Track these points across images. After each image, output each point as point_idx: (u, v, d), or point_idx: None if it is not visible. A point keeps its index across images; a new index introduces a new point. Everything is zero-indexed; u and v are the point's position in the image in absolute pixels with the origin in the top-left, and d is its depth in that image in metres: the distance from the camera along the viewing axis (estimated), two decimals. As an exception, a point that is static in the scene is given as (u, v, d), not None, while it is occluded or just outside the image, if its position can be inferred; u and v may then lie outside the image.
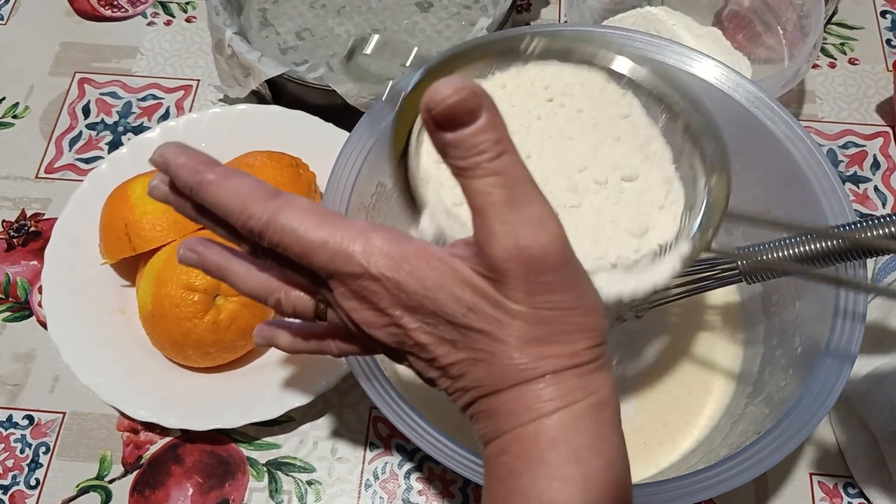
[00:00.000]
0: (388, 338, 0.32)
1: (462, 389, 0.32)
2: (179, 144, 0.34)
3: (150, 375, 0.55)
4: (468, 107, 0.27)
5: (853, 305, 0.45)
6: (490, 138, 0.28)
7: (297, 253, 0.31)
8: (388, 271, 0.30)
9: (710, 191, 0.40)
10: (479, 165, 0.28)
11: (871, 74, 0.72)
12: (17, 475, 0.55)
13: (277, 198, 0.32)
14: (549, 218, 0.29)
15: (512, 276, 0.29)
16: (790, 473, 0.55)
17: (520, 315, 0.29)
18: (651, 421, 0.53)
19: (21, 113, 0.70)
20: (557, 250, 0.29)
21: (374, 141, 0.50)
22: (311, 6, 0.72)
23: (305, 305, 0.35)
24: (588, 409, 0.30)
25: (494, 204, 0.28)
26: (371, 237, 0.31)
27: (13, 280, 0.62)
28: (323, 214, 0.31)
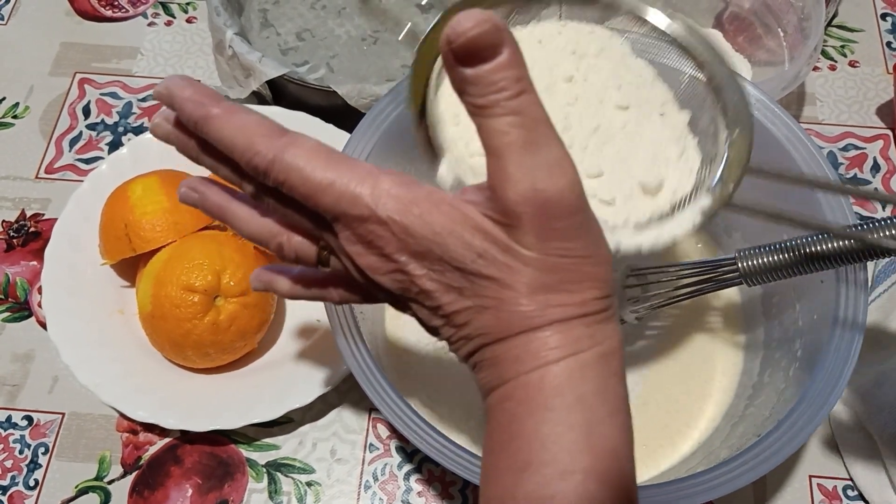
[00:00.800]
0: (392, 284, 0.31)
1: (466, 338, 0.31)
2: (186, 77, 0.33)
3: (150, 376, 0.55)
4: (490, 41, 0.26)
5: (853, 308, 0.46)
6: (510, 76, 0.27)
7: (302, 193, 0.30)
8: (397, 215, 0.29)
9: (731, 144, 0.40)
10: (498, 104, 0.27)
11: (871, 77, 0.72)
12: (16, 476, 0.55)
13: (284, 135, 0.31)
14: (566, 162, 0.28)
15: (525, 220, 0.28)
16: (790, 475, 0.55)
17: (530, 261, 0.29)
18: (651, 422, 0.53)
19: (21, 113, 0.70)
20: (573, 196, 0.28)
21: (374, 142, 0.50)
22: (311, 7, 0.72)
23: (308, 250, 0.34)
24: (594, 359, 0.29)
25: (511, 145, 0.28)
26: (380, 179, 0.30)
27: (13, 280, 0.62)
28: (331, 155, 0.31)
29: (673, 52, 0.42)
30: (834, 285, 0.46)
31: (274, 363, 0.57)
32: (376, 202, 0.30)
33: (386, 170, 0.31)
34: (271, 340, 0.58)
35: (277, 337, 0.58)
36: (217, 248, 0.54)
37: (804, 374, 0.46)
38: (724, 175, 0.40)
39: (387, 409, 0.43)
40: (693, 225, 0.39)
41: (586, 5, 0.43)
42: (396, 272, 0.31)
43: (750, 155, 0.40)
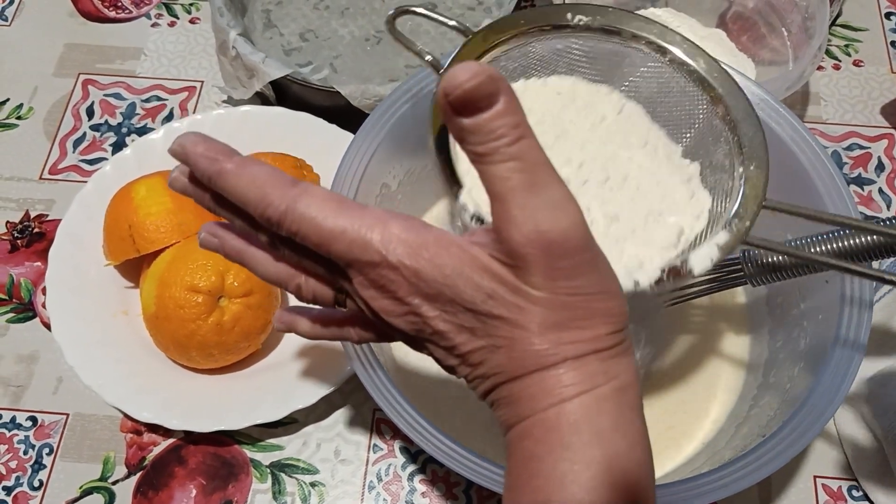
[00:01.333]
0: (406, 326, 0.32)
1: (482, 377, 0.32)
2: (198, 134, 0.34)
3: (154, 377, 0.55)
4: (485, 91, 0.27)
5: (858, 309, 0.45)
6: (508, 122, 0.28)
7: (315, 242, 0.31)
8: (407, 259, 0.30)
9: (746, 179, 0.40)
10: (497, 150, 0.28)
11: (875, 76, 0.72)
12: (21, 476, 0.55)
13: (296, 186, 0.32)
14: (568, 202, 0.29)
15: (531, 262, 0.29)
16: (794, 476, 0.55)
17: (540, 301, 0.29)
18: (656, 424, 0.52)
19: (25, 114, 0.70)
20: (577, 234, 0.29)
21: (378, 142, 0.50)
22: (314, 7, 0.72)
23: (324, 293, 0.35)
24: (610, 393, 0.30)
25: (513, 189, 0.28)
26: (389, 225, 0.30)
27: (17, 281, 0.62)
28: (341, 203, 0.31)
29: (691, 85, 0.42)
30: (839, 285, 0.46)
31: (278, 364, 0.57)
32: (386, 248, 0.30)
33: (396, 213, 0.31)
34: (275, 341, 0.58)
35: (281, 338, 0.58)
36: (221, 248, 0.54)
37: (809, 375, 0.46)
38: (740, 211, 0.40)
39: (391, 410, 0.43)
40: (711, 261, 0.39)
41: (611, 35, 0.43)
42: (410, 314, 0.31)
43: (766, 191, 0.40)
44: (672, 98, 0.43)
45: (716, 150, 0.42)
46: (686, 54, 0.42)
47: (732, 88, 0.41)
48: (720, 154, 0.42)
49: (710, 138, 0.43)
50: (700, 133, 0.43)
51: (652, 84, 0.44)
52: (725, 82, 0.41)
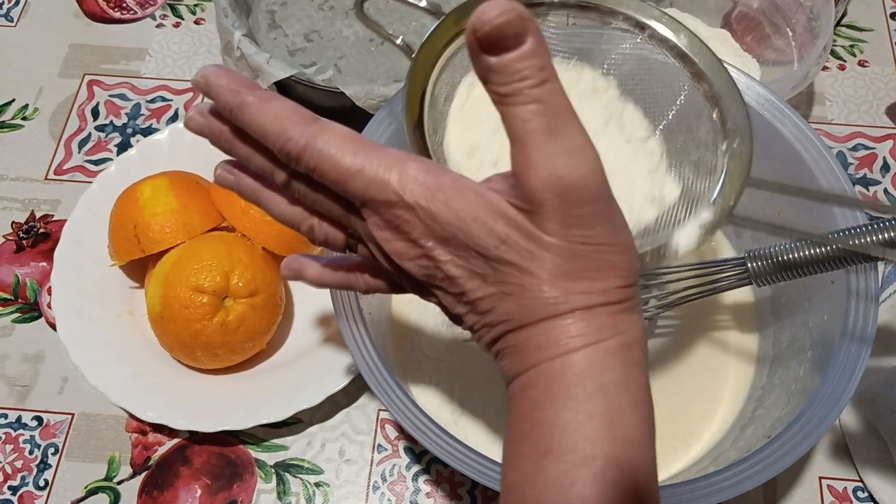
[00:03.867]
0: (417, 270, 0.32)
1: (489, 325, 0.31)
2: (221, 67, 0.34)
3: (159, 377, 0.55)
4: (515, 30, 0.27)
5: (864, 309, 0.45)
6: (534, 64, 0.27)
7: (332, 179, 0.31)
8: (423, 200, 0.30)
9: (731, 156, 0.40)
10: (521, 92, 0.28)
11: (880, 76, 0.71)
12: (26, 476, 0.55)
13: (316, 122, 0.32)
14: (588, 149, 0.29)
15: (547, 207, 0.28)
16: (800, 477, 0.54)
17: (552, 248, 0.29)
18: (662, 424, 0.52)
19: (30, 115, 0.70)
20: (595, 183, 0.29)
21: (382, 142, 0.50)
22: (319, 8, 0.72)
23: (336, 235, 0.35)
24: (616, 348, 0.30)
25: (534, 132, 0.28)
26: (407, 165, 0.30)
27: (22, 281, 0.62)
28: (360, 142, 0.31)
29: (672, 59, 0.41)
30: (844, 286, 0.46)
31: (282, 364, 0.57)
32: (403, 188, 0.30)
33: (414, 155, 0.31)
34: (280, 341, 0.58)
35: (286, 338, 0.59)
36: (226, 248, 0.54)
37: (814, 376, 0.46)
38: (724, 188, 0.39)
39: (395, 410, 0.43)
40: (696, 240, 0.39)
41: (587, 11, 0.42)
42: (422, 258, 0.31)
43: (750, 166, 0.39)
44: (653, 75, 0.43)
45: (699, 127, 0.41)
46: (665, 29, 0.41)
47: (714, 63, 0.40)
48: (703, 131, 0.41)
49: (692, 115, 0.42)
50: (682, 110, 0.42)
51: (632, 61, 0.43)
52: (707, 57, 0.41)
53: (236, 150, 0.35)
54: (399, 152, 0.31)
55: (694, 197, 0.41)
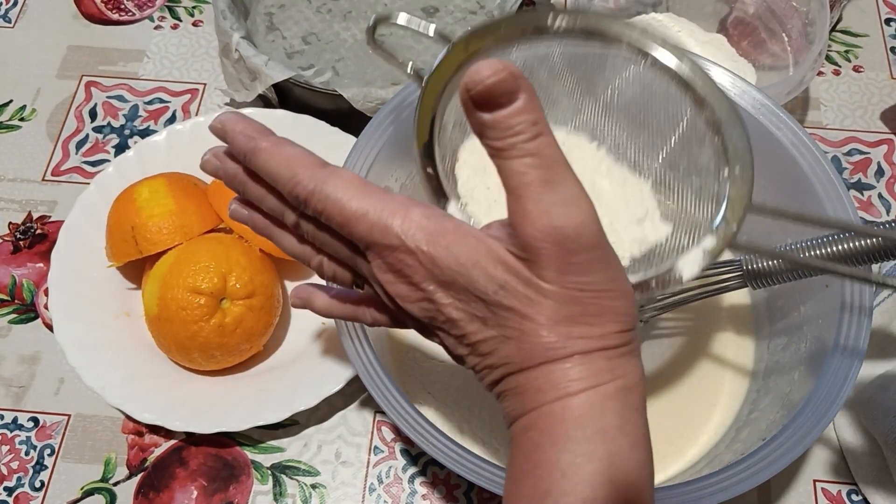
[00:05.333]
0: (420, 312, 0.33)
1: (490, 367, 0.32)
2: (237, 113, 0.36)
3: (156, 378, 0.55)
4: (507, 88, 0.28)
5: (858, 312, 0.46)
6: (527, 119, 0.28)
7: (338, 222, 0.32)
8: (425, 245, 0.31)
9: (732, 182, 0.40)
10: (515, 146, 0.29)
11: (875, 82, 0.72)
12: (22, 477, 0.55)
13: (325, 168, 0.33)
14: (582, 199, 0.30)
15: (545, 256, 0.29)
16: (794, 480, 0.55)
17: (551, 294, 0.30)
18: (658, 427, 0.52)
19: (28, 115, 0.70)
20: (590, 231, 0.29)
21: (380, 146, 0.50)
22: (317, 11, 0.72)
23: (344, 273, 0.36)
24: (615, 392, 0.30)
25: (529, 184, 0.29)
26: (410, 212, 0.32)
27: (19, 282, 0.62)
28: (366, 187, 0.32)
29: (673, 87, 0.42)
30: (838, 289, 0.46)
31: (279, 366, 0.57)
32: (405, 233, 0.31)
33: (417, 202, 0.32)
34: (277, 343, 0.58)
35: (283, 339, 0.59)
36: (223, 250, 0.54)
37: (809, 379, 0.46)
38: (726, 214, 0.40)
39: (392, 412, 0.43)
40: (699, 267, 0.40)
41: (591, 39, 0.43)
42: (424, 300, 0.32)
43: (751, 193, 0.40)
44: (655, 101, 0.43)
45: (700, 154, 0.42)
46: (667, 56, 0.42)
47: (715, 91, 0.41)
48: (704, 157, 0.42)
49: (693, 141, 0.43)
50: (684, 136, 0.43)
51: (635, 87, 0.44)
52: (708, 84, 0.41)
53: (249, 191, 0.36)
54: (403, 198, 0.32)
55: (696, 224, 0.41)
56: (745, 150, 0.40)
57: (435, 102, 0.39)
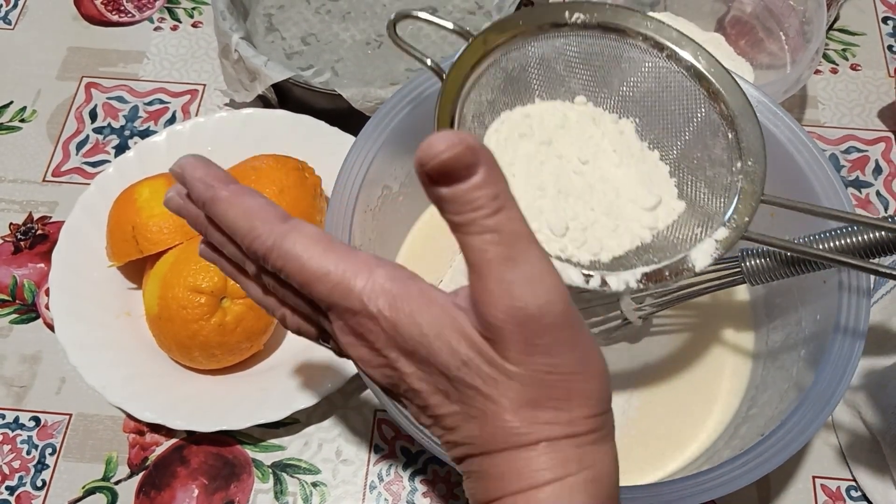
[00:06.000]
0: (382, 379, 0.31)
1: (452, 443, 0.30)
2: (199, 158, 0.34)
3: (156, 377, 0.55)
4: (464, 162, 0.26)
5: (856, 309, 0.46)
6: (487, 194, 0.26)
7: (298, 281, 0.30)
8: (387, 310, 0.29)
9: (745, 174, 0.40)
10: (475, 222, 0.27)
11: (872, 80, 0.72)
12: (24, 476, 0.55)
13: (286, 222, 0.31)
14: (547, 275, 0.27)
15: (507, 337, 0.27)
16: (793, 476, 0.55)
17: (515, 376, 0.28)
18: (657, 424, 0.53)
19: (28, 117, 0.70)
20: (556, 310, 0.27)
21: (380, 145, 0.50)
22: (316, 12, 0.72)
23: (309, 328, 0.34)
24: (583, 483, 0.28)
25: (490, 262, 0.27)
26: (374, 272, 0.29)
27: (20, 282, 0.63)
28: (329, 244, 0.30)
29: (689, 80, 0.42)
30: (836, 286, 0.46)
31: (280, 364, 0.57)
32: (368, 296, 0.29)
33: (382, 261, 0.30)
34: (277, 342, 0.58)
35: (283, 338, 0.59)
36: (224, 249, 0.54)
37: (807, 375, 0.46)
38: (738, 206, 0.40)
39: (392, 409, 0.43)
40: (711, 257, 0.40)
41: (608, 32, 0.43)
42: (386, 367, 0.30)
43: (764, 185, 0.40)
44: (670, 94, 0.44)
45: (714, 146, 0.43)
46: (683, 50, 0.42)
47: (730, 84, 0.42)
48: (718, 149, 0.42)
49: (707, 133, 0.43)
50: (698, 129, 0.43)
51: (650, 80, 0.44)
52: (723, 78, 0.42)
53: (211, 236, 0.34)
54: (369, 256, 0.30)
55: (710, 215, 0.41)
56: (759, 144, 0.41)
57: (455, 95, 0.39)
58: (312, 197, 0.58)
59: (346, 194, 0.49)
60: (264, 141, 0.62)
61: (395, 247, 0.58)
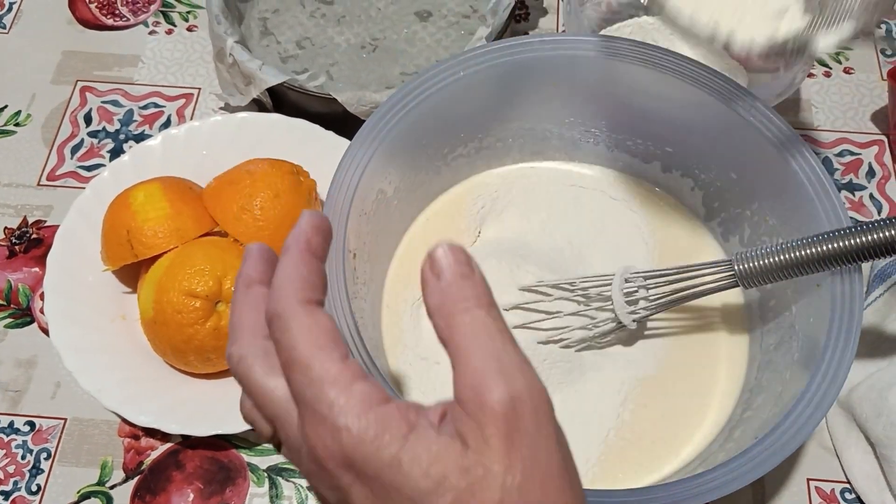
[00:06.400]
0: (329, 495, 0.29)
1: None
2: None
3: (152, 381, 0.55)
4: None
5: (849, 312, 0.46)
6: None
7: (282, 358, 0.29)
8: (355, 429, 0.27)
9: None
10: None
11: (865, 83, 0.72)
12: (19, 481, 0.55)
13: (309, 304, 0.30)
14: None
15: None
16: (788, 478, 0.55)
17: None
18: (652, 427, 0.53)
19: (23, 121, 0.70)
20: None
21: (374, 149, 0.50)
22: (311, 16, 0.72)
23: (263, 430, 0.32)
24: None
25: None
26: (353, 385, 0.27)
27: (15, 287, 0.62)
28: (330, 340, 0.29)
29: None
30: (829, 289, 0.47)
31: (275, 368, 0.57)
32: (340, 408, 0.27)
33: (368, 378, 0.28)
34: (272, 346, 0.58)
35: (278, 342, 0.59)
36: (219, 253, 0.54)
37: (801, 377, 0.46)
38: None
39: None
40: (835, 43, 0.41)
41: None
42: (335, 489, 0.28)
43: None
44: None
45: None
46: None
47: None
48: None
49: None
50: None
51: None
52: None
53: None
54: (357, 368, 0.28)
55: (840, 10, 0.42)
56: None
57: None
58: (307, 201, 0.58)
59: (340, 198, 0.49)
60: (259, 145, 0.62)
61: (390, 251, 0.58)
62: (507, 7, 0.66)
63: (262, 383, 0.30)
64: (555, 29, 0.76)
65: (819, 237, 0.45)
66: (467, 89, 0.54)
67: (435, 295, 0.29)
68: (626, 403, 0.53)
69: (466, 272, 0.29)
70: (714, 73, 0.53)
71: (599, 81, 0.56)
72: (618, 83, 0.55)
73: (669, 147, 0.58)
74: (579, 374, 0.53)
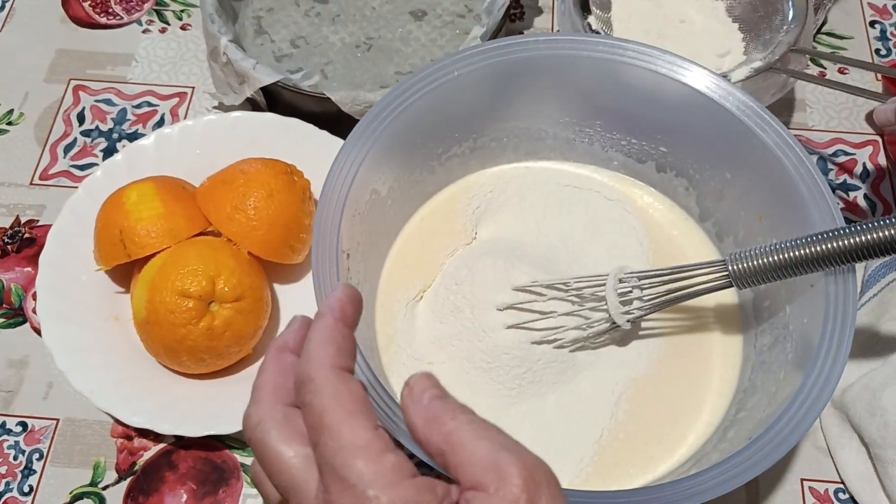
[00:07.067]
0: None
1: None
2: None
3: (145, 382, 0.55)
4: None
5: (843, 312, 0.46)
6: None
7: (309, 422, 0.30)
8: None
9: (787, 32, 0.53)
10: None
11: (860, 84, 0.72)
12: (11, 482, 0.55)
13: (343, 373, 0.31)
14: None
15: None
16: (782, 478, 0.55)
17: None
18: (647, 427, 0.53)
19: (16, 120, 0.70)
20: None
21: (368, 148, 0.50)
22: (305, 14, 0.72)
23: (271, 497, 0.32)
24: None
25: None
26: (382, 457, 0.29)
27: (7, 286, 0.62)
28: (361, 408, 0.30)
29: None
30: (823, 289, 0.47)
31: (268, 368, 0.57)
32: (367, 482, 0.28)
33: (399, 454, 0.30)
34: (266, 346, 0.58)
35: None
36: (212, 253, 0.54)
37: (795, 378, 0.46)
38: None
39: (382, 416, 0.43)
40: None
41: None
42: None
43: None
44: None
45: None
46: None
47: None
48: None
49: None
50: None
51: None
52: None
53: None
54: (388, 441, 0.30)
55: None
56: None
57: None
58: (301, 200, 0.58)
59: (334, 198, 0.49)
60: (253, 144, 0.62)
61: (384, 251, 0.58)
62: (501, 6, 0.66)
63: (279, 451, 0.30)
64: (550, 28, 0.76)
65: (813, 238, 0.45)
66: (462, 89, 0.54)
67: (420, 413, 0.30)
68: (619, 404, 0.53)
69: (441, 394, 0.31)
70: (709, 72, 0.53)
71: (594, 81, 0.56)
72: (613, 83, 0.55)
73: (664, 147, 0.58)
74: (573, 374, 0.53)
